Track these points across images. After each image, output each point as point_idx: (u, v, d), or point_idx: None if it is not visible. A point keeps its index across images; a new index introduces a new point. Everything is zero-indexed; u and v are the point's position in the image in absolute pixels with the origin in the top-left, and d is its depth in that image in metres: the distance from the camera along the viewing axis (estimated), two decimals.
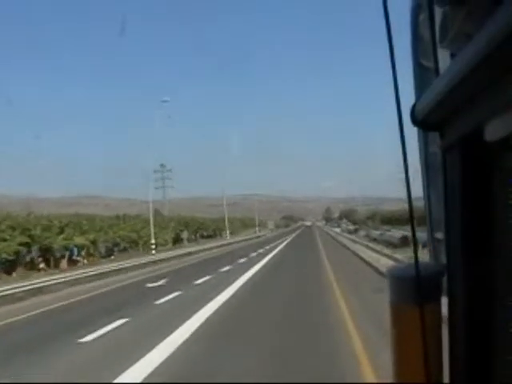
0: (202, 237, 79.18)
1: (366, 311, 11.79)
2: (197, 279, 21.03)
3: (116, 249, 48.17)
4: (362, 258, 27.63)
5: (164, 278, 23.65)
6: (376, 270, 19.92)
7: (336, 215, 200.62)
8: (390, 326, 1.10)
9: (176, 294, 17.02)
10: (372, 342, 8.67)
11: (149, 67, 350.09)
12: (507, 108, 0.77)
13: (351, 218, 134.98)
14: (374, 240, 45.30)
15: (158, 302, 15.51)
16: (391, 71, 0.91)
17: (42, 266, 34.40)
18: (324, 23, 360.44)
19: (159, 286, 20.59)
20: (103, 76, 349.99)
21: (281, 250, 43.73)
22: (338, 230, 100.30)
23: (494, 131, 0.85)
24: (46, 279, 23.88)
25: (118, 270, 29.74)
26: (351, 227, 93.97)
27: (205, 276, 22.16)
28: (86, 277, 25.84)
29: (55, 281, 23.74)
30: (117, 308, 14.69)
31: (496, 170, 0.95)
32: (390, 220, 79.32)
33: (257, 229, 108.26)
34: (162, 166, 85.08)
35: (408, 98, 1.05)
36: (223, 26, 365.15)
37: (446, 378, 1.09)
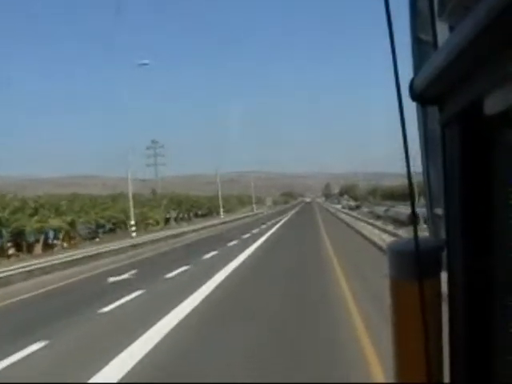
0: (197, 216, 75.61)
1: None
2: (170, 271, 18.20)
3: (101, 230, 45.45)
4: (371, 241, 23.48)
5: (134, 268, 20.79)
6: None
7: (336, 191, 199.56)
8: (389, 300, 1.13)
9: (135, 294, 13.97)
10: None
11: (147, 47, 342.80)
12: (506, 81, 0.80)
13: (352, 193, 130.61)
14: (379, 217, 41.25)
15: (105, 309, 12.15)
16: (389, 45, 0.92)
17: (11, 251, 31.16)
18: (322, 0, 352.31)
19: (122, 280, 17.76)
20: (101, 57, 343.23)
21: (277, 230, 40.45)
22: (338, 206, 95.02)
23: (493, 105, 0.87)
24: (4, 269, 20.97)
25: (91, 256, 27.34)
26: (352, 203, 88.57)
27: (181, 266, 19.37)
28: (50, 265, 23.53)
29: (12, 271, 20.75)
30: (48, 320, 11.50)
31: (495, 144, 0.96)
32: (392, 195, 77.09)
33: (253, 206, 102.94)
34: (153, 142, 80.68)
35: (407, 73, 1.08)
36: (223, 6, 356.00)
37: (447, 369, 1.11)
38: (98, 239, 41.46)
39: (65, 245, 36.79)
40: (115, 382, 6.79)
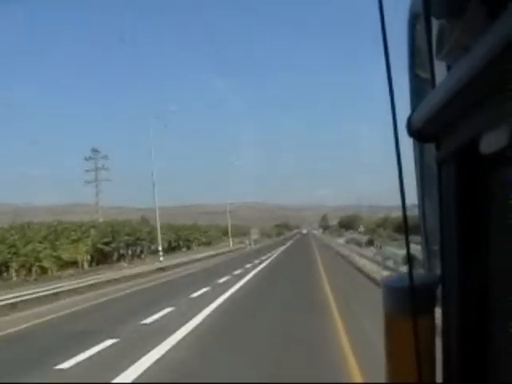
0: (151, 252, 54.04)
1: None
2: None
3: None
4: None
5: None
6: None
7: (333, 223, 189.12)
8: (383, 336, 1.12)
9: None
10: None
11: (146, 69, 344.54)
12: (502, 121, 0.81)
13: (354, 226, 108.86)
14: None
15: None
16: (387, 82, 0.94)
17: None
18: (319, 32, 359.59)
19: None
20: (102, 76, 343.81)
21: (243, 292, 20.53)
22: (340, 240, 74.09)
23: (489, 144, 0.88)
24: None
25: None
26: (356, 236, 66.16)
27: None
28: None
29: None
30: None
31: (491, 182, 0.97)
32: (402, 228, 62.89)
33: (230, 241, 77.73)
34: (94, 151, 58.25)
35: (404, 109, 1.10)
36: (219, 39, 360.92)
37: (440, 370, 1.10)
38: None
39: None
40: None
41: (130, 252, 49.74)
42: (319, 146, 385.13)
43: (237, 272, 29.33)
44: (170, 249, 59.50)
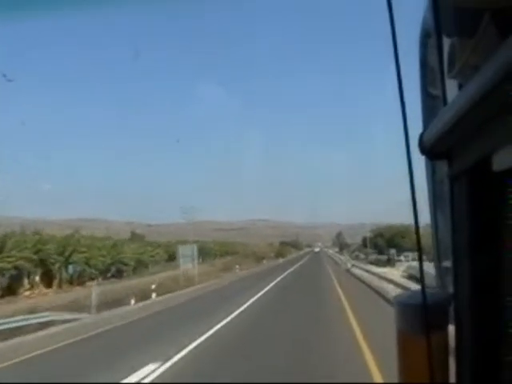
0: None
1: None
2: None
3: None
4: None
5: None
6: None
7: (350, 241, 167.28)
8: (396, 353, 1.12)
9: None
10: None
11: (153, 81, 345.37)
12: None
13: (402, 244, 73.52)
14: None
15: None
16: (399, 99, 0.96)
17: None
18: (330, 48, 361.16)
19: None
20: (117, 101, 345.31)
21: None
22: (396, 274, 34.48)
23: (500, 161, 0.90)
24: None
25: None
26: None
27: None
28: None
29: None
30: None
31: (503, 199, 0.98)
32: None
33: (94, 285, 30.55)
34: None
35: (416, 127, 1.12)
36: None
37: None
38: None
39: None
40: None
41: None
42: (333, 165, 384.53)
43: None
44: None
